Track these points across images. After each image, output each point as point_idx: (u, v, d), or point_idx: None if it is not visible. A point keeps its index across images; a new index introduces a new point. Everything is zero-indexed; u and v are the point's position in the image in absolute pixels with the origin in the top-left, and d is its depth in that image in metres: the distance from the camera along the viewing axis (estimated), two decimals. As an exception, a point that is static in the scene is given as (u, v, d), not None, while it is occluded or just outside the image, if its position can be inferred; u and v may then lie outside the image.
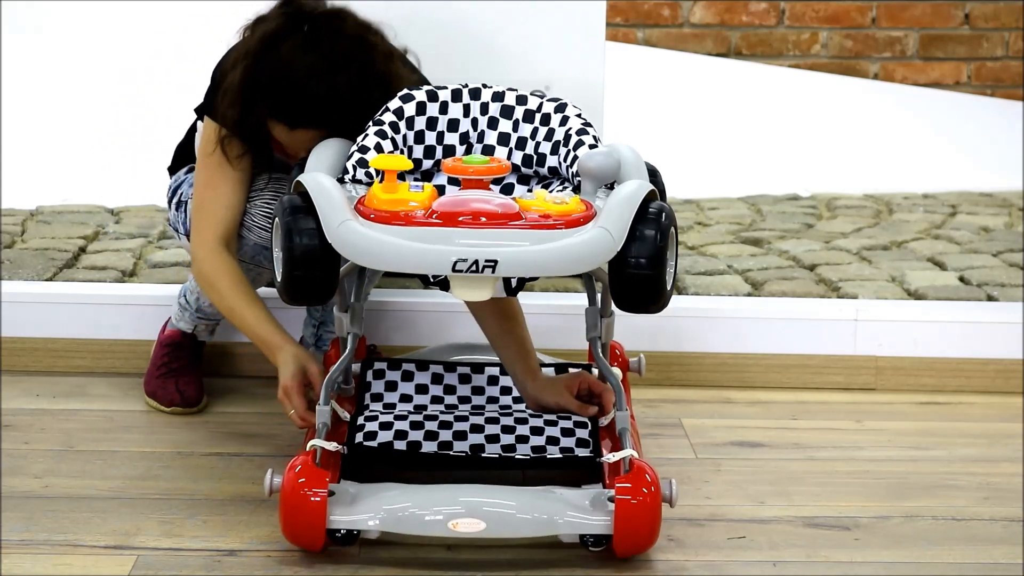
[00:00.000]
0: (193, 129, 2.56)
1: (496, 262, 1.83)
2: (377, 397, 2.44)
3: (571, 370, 2.47)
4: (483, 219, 1.87)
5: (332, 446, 2.10)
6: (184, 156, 2.60)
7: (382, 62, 2.28)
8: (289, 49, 2.23)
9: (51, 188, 3.63)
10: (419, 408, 2.41)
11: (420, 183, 1.97)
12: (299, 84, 2.23)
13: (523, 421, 2.31)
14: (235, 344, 2.79)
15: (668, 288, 1.96)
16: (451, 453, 2.19)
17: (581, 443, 2.23)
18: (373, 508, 2.01)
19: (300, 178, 2.01)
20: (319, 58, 2.22)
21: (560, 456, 2.20)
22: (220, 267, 2.40)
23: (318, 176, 2.01)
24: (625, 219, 1.90)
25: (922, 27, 4.50)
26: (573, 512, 2.01)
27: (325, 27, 2.25)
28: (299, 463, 2.02)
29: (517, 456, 2.20)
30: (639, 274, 1.91)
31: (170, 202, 2.59)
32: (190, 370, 2.60)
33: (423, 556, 2.04)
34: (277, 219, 1.97)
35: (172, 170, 2.63)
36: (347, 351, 2.32)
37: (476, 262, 1.83)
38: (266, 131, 2.33)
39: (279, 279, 1.98)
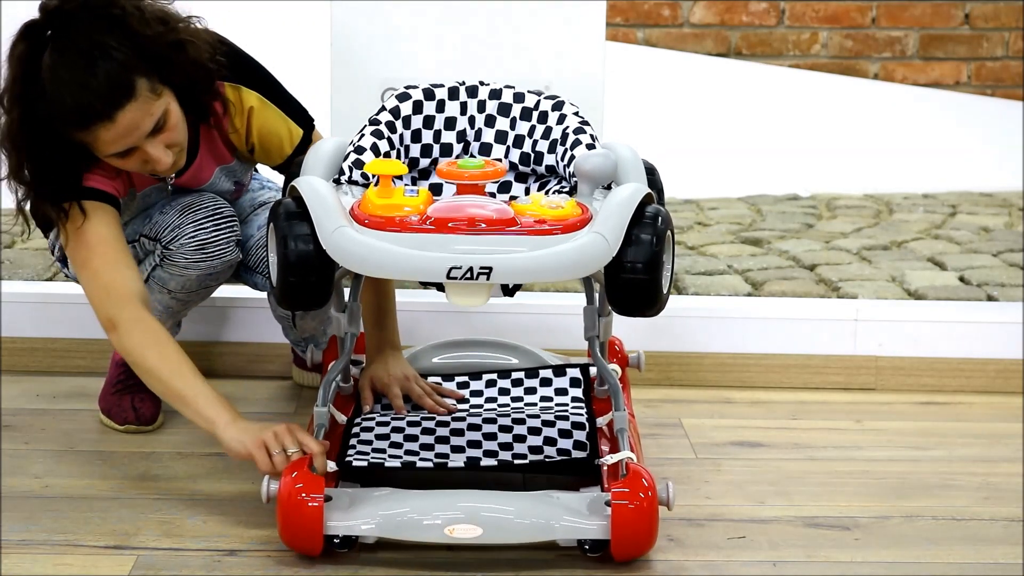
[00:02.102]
0: None
1: (491, 269, 1.83)
2: (376, 399, 2.44)
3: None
4: (478, 225, 1.87)
5: (330, 466, 2.09)
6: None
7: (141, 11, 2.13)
8: (49, 66, 2.07)
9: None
10: (417, 407, 2.40)
11: (415, 188, 1.96)
12: (82, 80, 2.06)
13: (521, 422, 2.31)
14: (234, 344, 2.80)
15: (664, 292, 1.96)
16: (448, 466, 2.17)
17: (578, 445, 2.23)
18: (370, 513, 2.00)
19: (295, 182, 2.01)
20: (78, 50, 2.07)
21: (558, 459, 2.19)
22: (146, 336, 2.19)
23: (312, 180, 2.00)
24: (621, 224, 1.90)
25: (922, 27, 4.50)
26: (570, 517, 2.00)
27: (64, 22, 2.09)
28: (296, 468, 2.02)
29: (515, 461, 2.18)
30: (635, 279, 1.91)
31: (64, 262, 2.44)
32: (146, 387, 2.46)
33: (423, 557, 2.04)
34: (272, 224, 1.97)
35: (43, 226, 2.41)
36: (345, 350, 2.32)
37: (471, 269, 1.82)
38: (82, 160, 2.18)
39: (274, 284, 1.97)
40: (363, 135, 2.15)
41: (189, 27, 2.20)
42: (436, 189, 2.20)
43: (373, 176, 2.06)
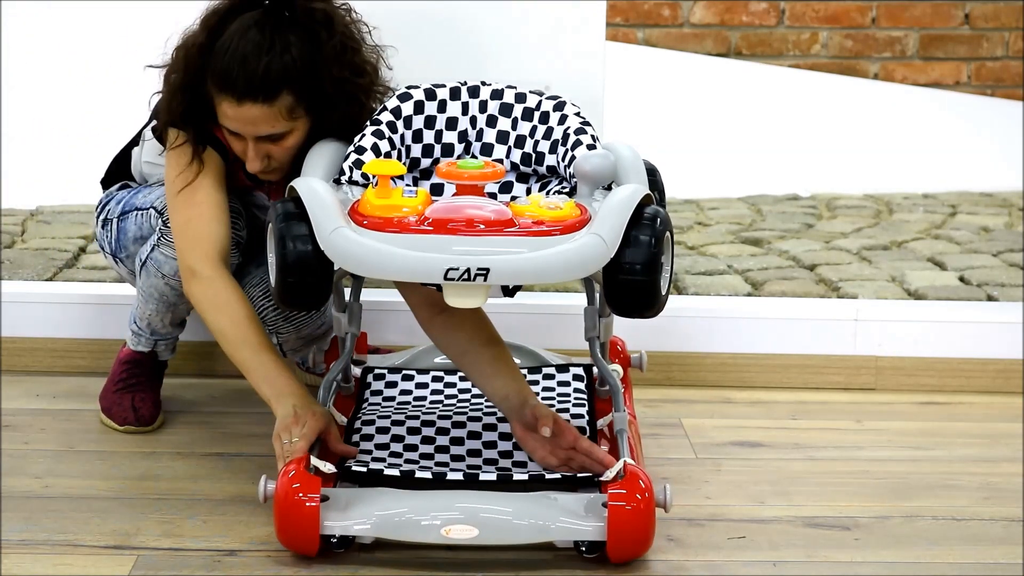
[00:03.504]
0: (132, 143, 2.49)
1: (488, 270, 1.83)
2: (376, 392, 2.44)
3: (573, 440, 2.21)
4: (476, 226, 1.87)
5: (328, 468, 2.08)
6: (119, 171, 2.52)
7: (340, 43, 2.21)
8: (239, 25, 2.18)
9: (51, 188, 3.63)
10: (418, 401, 2.40)
11: (414, 188, 1.96)
12: (247, 53, 2.16)
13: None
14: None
15: (663, 293, 1.95)
16: (447, 477, 2.14)
17: None
18: (367, 513, 2.00)
19: (294, 183, 2.01)
20: (270, 32, 2.16)
21: (559, 476, 2.16)
22: (222, 296, 2.24)
23: (311, 181, 2.00)
24: (619, 225, 1.89)
25: (922, 27, 4.50)
26: (567, 518, 2.00)
27: (283, 4, 2.19)
28: (292, 468, 2.02)
29: (515, 472, 2.17)
30: (633, 280, 1.90)
31: (97, 218, 2.50)
32: (148, 387, 2.52)
33: (423, 557, 2.04)
34: (270, 225, 1.97)
35: (105, 184, 2.54)
36: (346, 350, 2.32)
37: (468, 270, 1.82)
38: (211, 115, 2.24)
39: (272, 284, 1.97)
40: (364, 135, 2.15)
41: (373, 94, 2.25)
42: (437, 189, 2.20)
43: (373, 176, 2.06)
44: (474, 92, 2.22)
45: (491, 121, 2.22)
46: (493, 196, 2.15)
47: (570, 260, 1.85)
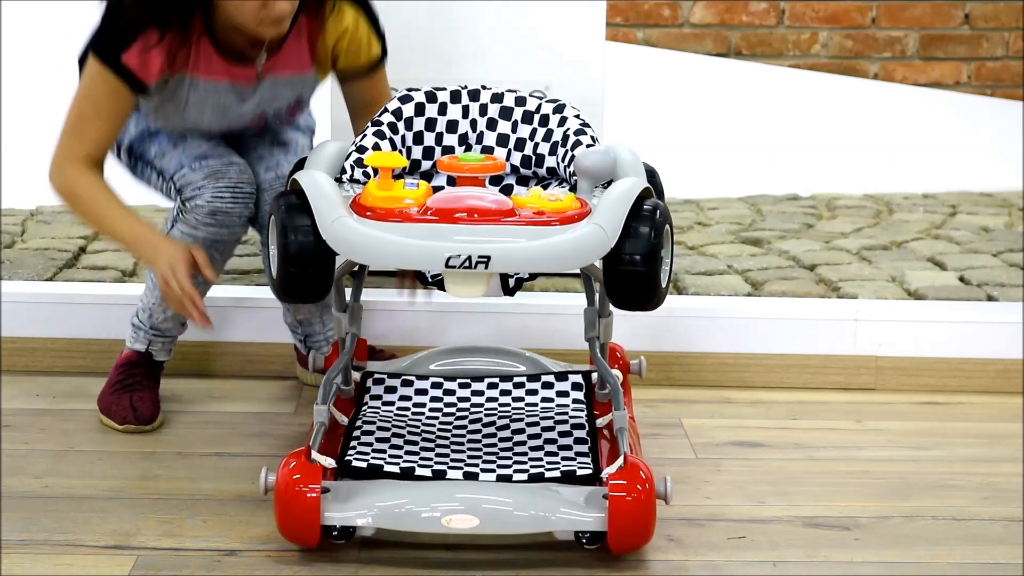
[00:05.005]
0: None
1: (489, 258, 1.84)
2: (376, 398, 2.44)
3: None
4: (477, 215, 1.88)
5: (328, 462, 2.08)
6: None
7: None
8: None
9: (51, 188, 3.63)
10: (418, 407, 2.40)
11: (416, 181, 1.97)
12: None
13: (520, 431, 2.29)
14: (234, 344, 2.79)
15: (663, 285, 1.96)
16: (447, 476, 2.14)
17: (580, 454, 2.21)
18: (367, 505, 2.00)
19: (296, 176, 2.02)
20: None
21: (560, 475, 2.16)
22: (87, 181, 2.36)
23: (314, 174, 2.01)
24: (619, 216, 1.90)
25: (922, 27, 4.50)
26: (567, 509, 2.00)
27: None
28: (293, 460, 2.02)
29: (515, 475, 2.16)
30: (633, 271, 1.91)
31: (127, 163, 2.56)
32: (145, 387, 2.53)
33: (424, 555, 2.04)
34: (272, 216, 1.98)
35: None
36: (345, 351, 2.32)
37: (469, 258, 1.83)
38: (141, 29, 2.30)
39: (274, 276, 1.98)
40: (365, 135, 2.16)
41: None
42: (438, 192, 2.20)
43: (374, 173, 2.07)
44: (475, 95, 2.23)
45: (491, 124, 2.22)
46: (492, 195, 2.16)
47: (571, 249, 1.86)
